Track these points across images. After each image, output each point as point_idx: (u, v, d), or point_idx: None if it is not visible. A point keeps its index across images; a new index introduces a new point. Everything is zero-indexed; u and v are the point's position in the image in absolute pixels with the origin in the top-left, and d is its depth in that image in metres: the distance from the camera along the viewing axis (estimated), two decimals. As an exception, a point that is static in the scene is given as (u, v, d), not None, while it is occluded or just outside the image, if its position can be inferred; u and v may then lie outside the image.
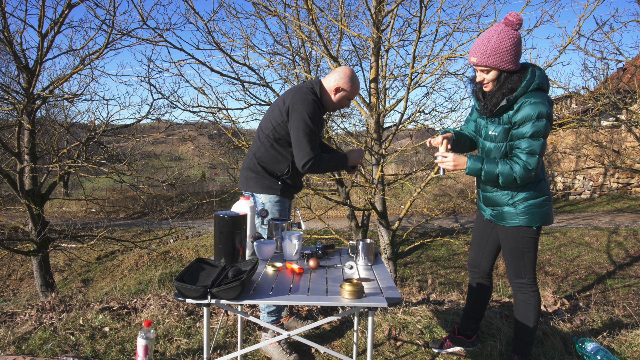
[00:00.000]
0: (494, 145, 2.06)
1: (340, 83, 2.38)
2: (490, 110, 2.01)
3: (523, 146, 1.94)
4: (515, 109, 1.94)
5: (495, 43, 1.89)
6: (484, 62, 1.93)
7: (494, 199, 2.15)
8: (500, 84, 1.96)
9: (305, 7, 4.51)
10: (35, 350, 2.55)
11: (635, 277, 9.10)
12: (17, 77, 6.49)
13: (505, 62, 1.92)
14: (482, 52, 1.93)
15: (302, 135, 2.26)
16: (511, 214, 2.11)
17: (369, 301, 1.58)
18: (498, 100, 1.96)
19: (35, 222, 6.59)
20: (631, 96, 6.08)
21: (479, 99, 2.10)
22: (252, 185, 2.44)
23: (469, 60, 2.01)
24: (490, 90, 2.01)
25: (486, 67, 1.95)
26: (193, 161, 23.50)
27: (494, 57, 1.91)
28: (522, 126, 1.93)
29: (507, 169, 1.95)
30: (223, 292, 1.52)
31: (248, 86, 5.95)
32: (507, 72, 1.94)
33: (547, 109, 1.92)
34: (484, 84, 2.01)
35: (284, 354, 2.38)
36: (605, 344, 2.65)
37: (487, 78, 1.98)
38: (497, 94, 1.97)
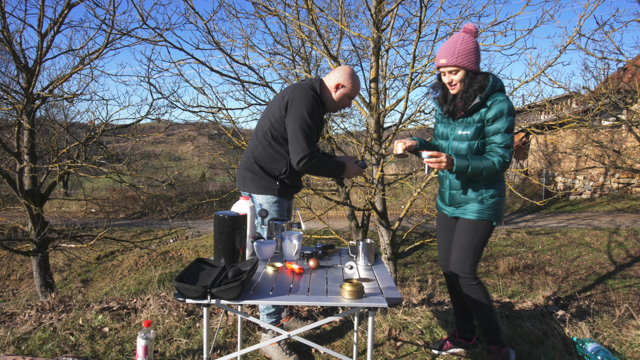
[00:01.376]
0: (467, 144, 2.15)
1: (341, 80, 2.37)
2: (463, 109, 2.12)
3: (499, 140, 2.08)
4: (488, 106, 2.08)
5: (461, 45, 2.06)
6: (453, 62, 2.07)
7: (462, 197, 2.24)
8: (467, 84, 2.10)
9: (305, 6, 4.51)
10: (35, 350, 2.54)
11: (636, 277, 9.10)
12: (16, 77, 6.48)
13: (471, 63, 2.08)
14: (451, 54, 2.07)
15: (298, 130, 2.21)
16: (478, 208, 2.20)
17: (369, 301, 1.57)
18: (471, 98, 2.08)
19: (35, 222, 6.59)
20: (632, 96, 6.07)
21: (442, 104, 2.23)
22: (249, 186, 2.41)
23: (438, 63, 2.13)
24: (457, 91, 2.13)
25: (455, 68, 2.08)
26: (193, 161, 23.49)
27: (462, 58, 2.06)
28: (496, 122, 2.08)
29: (490, 163, 2.07)
30: (223, 292, 1.52)
31: (248, 86, 5.95)
32: (472, 73, 2.09)
33: (512, 107, 2.12)
34: (452, 85, 2.13)
35: (283, 354, 2.37)
36: (605, 345, 2.65)
37: (455, 79, 2.10)
38: (469, 92, 2.09)
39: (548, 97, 5.86)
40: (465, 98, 2.11)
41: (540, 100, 5.30)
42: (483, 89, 2.07)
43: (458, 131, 2.17)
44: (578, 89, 6.39)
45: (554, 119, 6.37)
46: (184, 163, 22.06)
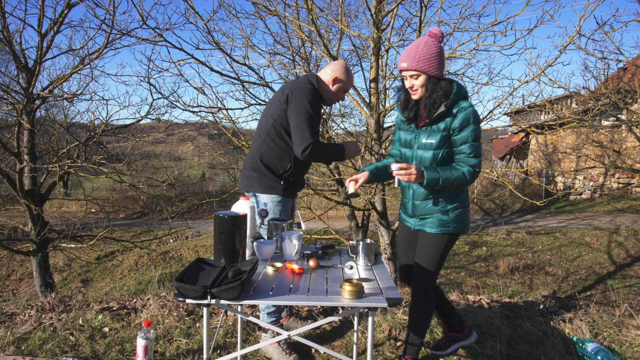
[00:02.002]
0: (431, 153, 2.08)
1: (337, 74, 2.43)
2: (428, 116, 2.04)
3: (469, 150, 2.03)
4: (454, 114, 2.01)
5: (423, 49, 2.00)
6: (414, 67, 2.00)
7: (426, 208, 2.16)
8: (429, 90, 2.02)
9: (305, 6, 4.51)
10: (35, 350, 2.54)
11: (636, 277, 9.10)
12: (16, 77, 6.49)
13: (433, 68, 2.01)
14: (412, 58, 2.01)
15: (301, 121, 2.27)
16: (443, 221, 2.14)
17: (369, 301, 1.57)
18: (436, 105, 2.01)
19: (35, 222, 6.59)
20: (632, 96, 6.08)
21: (403, 109, 2.16)
22: (254, 185, 2.42)
23: (399, 67, 2.07)
24: (419, 97, 2.06)
25: (416, 72, 2.01)
26: (193, 161, 23.49)
27: (423, 62, 2.00)
28: (463, 131, 2.01)
29: (460, 174, 2.02)
30: (223, 292, 1.52)
31: (248, 86, 5.95)
32: (434, 78, 2.02)
33: (478, 114, 2.09)
34: (413, 90, 2.06)
35: (283, 354, 2.37)
36: (605, 345, 2.65)
37: (416, 84, 2.04)
38: (432, 99, 2.01)
39: (548, 97, 5.86)
40: (429, 105, 2.03)
41: (540, 100, 5.30)
42: (448, 95, 2.00)
43: (422, 139, 2.09)
44: (578, 89, 6.40)
45: (554, 119, 6.37)
46: (184, 163, 22.07)
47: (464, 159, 2.04)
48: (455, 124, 2.01)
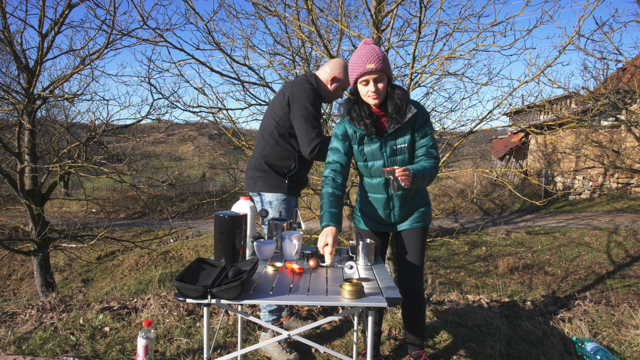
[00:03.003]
0: (406, 155, 2.07)
1: (335, 73, 2.44)
2: (398, 120, 1.99)
3: (431, 143, 2.06)
4: (415, 112, 2.02)
5: (381, 52, 1.96)
6: (381, 67, 1.93)
7: (410, 208, 2.18)
8: (389, 94, 1.99)
9: (305, 7, 4.52)
10: (36, 350, 2.55)
11: (635, 277, 9.11)
12: (17, 77, 6.50)
13: (391, 70, 2.01)
14: (377, 58, 1.92)
15: (306, 123, 2.30)
16: (425, 214, 2.19)
17: (369, 301, 1.58)
18: (404, 108, 1.99)
19: (36, 222, 6.60)
20: (631, 96, 6.08)
21: (360, 121, 2.03)
22: (259, 185, 2.46)
23: (363, 69, 1.94)
24: (379, 101, 1.99)
25: (382, 73, 1.95)
26: (193, 161, 23.50)
27: (386, 63, 1.97)
28: (423, 127, 2.05)
29: (430, 166, 2.01)
30: (223, 292, 1.52)
31: (248, 86, 5.94)
32: (391, 81, 2.00)
33: None
34: (376, 93, 1.96)
35: (283, 353, 2.38)
36: (605, 344, 2.66)
37: (381, 86, 1.97)
38: (398, 102, 1.98)
39: (547, 98, 5.86)
40: (396, 108, 1.98)
41: (540, 100, 5.30)
42: (408, 98, 2.00)
43: (395, 145, 2.05)
44: (577, 89, 6.40)
45: (553, 119, 6.38)
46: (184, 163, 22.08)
47: (428, 151, 2.06)
48: (419, 121, 2.03)
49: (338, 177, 2.11)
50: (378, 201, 2.17)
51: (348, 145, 2.13)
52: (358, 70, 1.95)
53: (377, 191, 2.15)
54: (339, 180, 2.11)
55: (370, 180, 2.16)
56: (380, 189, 2.13)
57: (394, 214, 2.17)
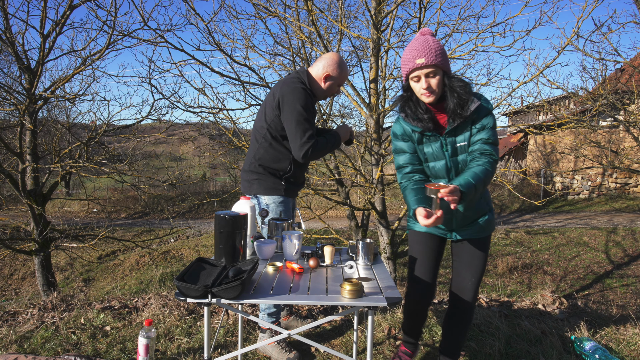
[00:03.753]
0: (467, 155, 1.88)
1: (328, 70, 2.35)
2: (461, 116, 1.79)
3: (486, 136, 1.82)
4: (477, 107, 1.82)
5: (435, 43, 1.75)
6: (433, 61, 1.72)
7: (475, 211, 1.96)
8: (450, 87, 1.78)
9: (306, 8, 4.53)
10: (37, 349, 2.57)
11: (634, 277, 9.12)
12: (19, 78, 6.52)
13: (447, 63, 1.79)
14: (428, 52, 1.73)
15: (296, 125, 2.22)
16: (489, 222, 1.98)
17: (369, 300, 1.58)
18: (466, 101, 1.78)
19: (37, 221, 6.62)
20: (629, 97, 6.10)
21: (417, 120, 1.85)
22: (255, 188, 2.41)
23: (412, 65, 1.75)
24: (434, 99, 1.79)
25: (434, 68, 1.74)
26: (194, 161, 23.53)
27: (441, 56, 1.75)
28: (483, 120, 1.82)
29: (484, 168, 1.78)
30: (224, 291, 1.53)
31: (248, 87, 5.97)
32: (447, 75, 1.80)
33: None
34: (429, 91, 1.77)
35: (283, 352, 2.39)
36: (603, 343, 2.67)
37: (433, 83, 1.76)
38: (457, 99, 1.77)
39: (546, 98, 5.88)
40: (460, 102, 1.77)
41: (539, 100, 5.32)
42: (469, 90, 1.79)
43: (457, 144, 1.85)
44: (576, 89, 6.41)
45: (552, 120, 6.39)
46: (184, 163, 22.11)
47: (482, 146, 1.81)
48: (480, 113, 1.81)
49: (414, 176, 1.93)
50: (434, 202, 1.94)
51: (411, 142, 1.94)
52: (408, 66, 1.77)
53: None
54: (416, 177, 1.93)
55: (432, 181, 1.97)
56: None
57: (455, 219, 1.96)
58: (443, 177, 1.92)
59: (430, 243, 2.05)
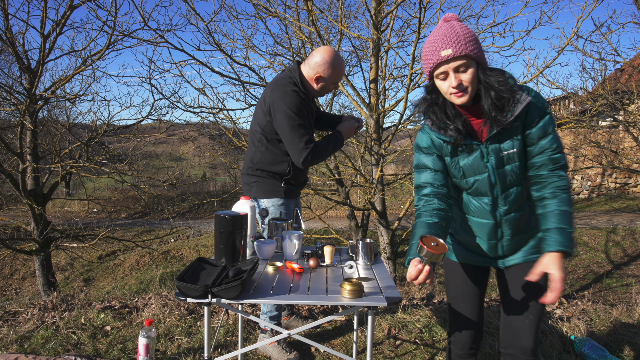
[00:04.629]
0: (515, 165, 1.47)
1: (319, 71, 2.22)
2: (501, 121, 1.40)
3: (554, 144, 1.43)
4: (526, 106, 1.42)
5: (463, 29, 1.37)
6: (463, 51, 1.34)
7: (526, 232, 1.58)
8: (483, 84, 1.39)
9: (306, 8, 4.54)
10: (38, 348, 2.57)
11: (633, 277, 9.12)
12: (19, 78, 6.54)
13: (481, 52, 1.39)
14: (456, 40, 1.35)
15: (291, 132, 2.15)
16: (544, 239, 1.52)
17: (369, 300, 1.58)
18: (509, 101, 1.39)
19: (38, 221, 6.63)
20: (629, 97, 6.10)
21: (442, 126, 1.48)
22: (254, 191, 2.38)
23: (437, 58, 1.37)
24: (467, 98, 1.39)
25: (465, 60, 1.35)
26: (194, 161, 23.54)
27: (472, 44, 1.36)
28: (540, 122, 1.43)
29: (564, 188, 1.42)
30: (224, 291, 1.53)
31: (248, 87, 5.98)
32: (481, 67, 1.40)
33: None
34: (458, 91, 1.38)
35: (283, 352, 2.40)
36: (603, 343, 2.68)
37: (465, 79, 1.37)
38: (496, 96, 1.38)
39: (546, 98, 5.87)
40: (498, 104, 1.38)
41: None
42: (511, 87, 1.39)
43: (503, 150, 1.45)
44: (576, 89, 6.41)
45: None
46: (185, 163, 22.12)
47: (552, 158, 1.43)
48: (533, 114, 1.42)
49: (432, 202, 1.53)
50: (481, 227, 1.58)
51: (437, 157, 1.57)
52: (431, 61, 1.39)
53: (480, 214, 1.56)
54: (434, 204, 1.52)
55: (470, 200, 1.58)
56: (484, 211, 1.55)
57: (502, 245, 1.59)
58: (485, 195, 1.53)
59: (472, 276, 1.68)
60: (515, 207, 1.52)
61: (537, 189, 1.48)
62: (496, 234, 1.57)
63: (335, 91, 6.47)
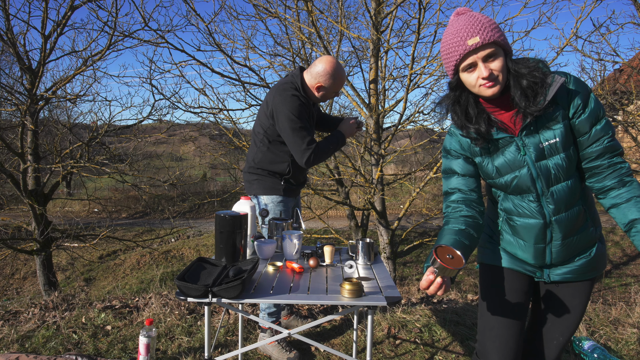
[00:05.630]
0: (563, 155, 1.30)
1: (320, 81, 2.31)
2: (535, 109, 1.27)
3: (610, 132, 1.28)
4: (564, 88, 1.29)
5: (485, 18, 1.28)
6: (491, 37, 1.23)
7: (580, 238, 1.39)
8: (513, 77, 1.28)
9: (306, 8, 4.55)
10: (39, 348, 2.58)
11: (632, 276, 9.13)
12: (20, 78, 6.55)
13: (507, 39, 1.29)
14: (481, 27, 1.24)
15: (293, 135, 2.25)
16: (600, 255, 1.42)
17: (369, 300, 1.59)
18: (541, 87, 1.26)
19: (39, 221, 6.64)
20: (628, 97, 6.10)
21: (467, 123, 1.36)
22: (254, 188, 2.46)
23: (465, 47, 1.25)
24: (496, 93, 1.28)
25: (494, 48, 1.24)
26: (194, 161, 23.54)
27: (498, 31, 1.26)
28: (587, 108, 1.28)
29: (630, 175, 1.29)
30: (224, 291, 1.54)
31: (249, 87, 6.00)
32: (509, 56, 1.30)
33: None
34: (490, 82, 1.26)
35: (283, 352, 2.41)
36: (602, 342, 2.68)
37: (495, 68, 1.25)
38: (527, 84, 1.26)
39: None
40: (527, 93, 1.27)
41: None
42: (542, 72, 1.27)
43: (543, 141, 1.30)
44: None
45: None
46: (185, 163, 22.15)
47: (608, 146, 1.28)
48: (576, 98, 1.28)
49: (459, 209, 1.42)
50: (528, 229, 1.39)
51: (465, 159, 1.45)
52: (457, 52, 1.27)
53: (526, 213, 1.38)
54: (462, 211, 1.41)
55: (512, 200, 1.42)
56: (532, 209, 1.37)
57: (551, 251, 1.39)
58: (528, 192, 1.36)
59: (514, 284, 1.47)
60: (566, 205, 1.34)
61: (597, 180, 1.32)
62: (545, 237, 1.38)
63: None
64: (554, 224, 1.35)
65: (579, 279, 1.42)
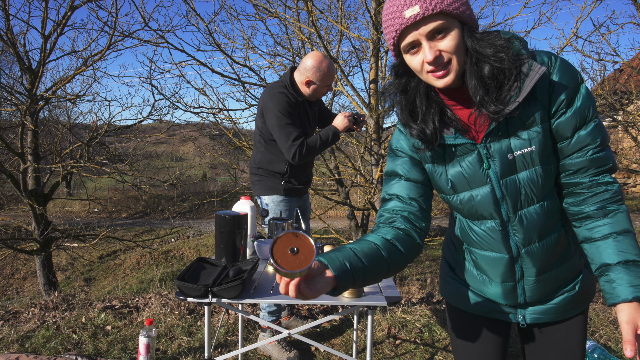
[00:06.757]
0: (540, 169, 0.98)
1: (308, 76, 2.34)
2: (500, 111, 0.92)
3: (598, 139, 0.95)
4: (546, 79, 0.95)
5: None
6: (437, 6, 0.87)
7: (559, 270, 1.08)
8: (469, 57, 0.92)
9: (306, 8, 4.55)
10: (39, 348, 2.59)
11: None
12: (20, 78, 6.56)
13: (468, 8, 0.92)
14: None
15: (279, 132, 2.31)
16: (587, 284, 1.12)
17: (369, 300, 1.59)
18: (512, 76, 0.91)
19: (39, 221, 6.64)
20: (628, 97, 6.10)
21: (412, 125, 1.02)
22: (257, 188, 2.53)
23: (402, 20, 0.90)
24: (450, 82, 0.93)
25: (441, 20, 0.89)
26: (194, 161, 23.54)
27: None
28: (572, 105, 0.95)
29: (617, 200, 0.98)
30: (224, 291, 1.54)
31: (249, 87, 5.99)
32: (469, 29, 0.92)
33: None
34: (437, 69, 0.92)
35: (283, 351, 2.41)
36: (602, 342, 2.69)
37: (445, 48, 0.90)
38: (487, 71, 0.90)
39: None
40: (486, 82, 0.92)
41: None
42: (515, 46, 0.94)
43: (514, 149, 0.97)
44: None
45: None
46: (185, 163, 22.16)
47: (594, 158, 0.96)
48: (559, 91, 0.94)
49: (392, 219, 1.09)
50: (491, 265, 1.09)
51: (412, 161, 1.11)
52: (393, 29, 0.92)
53: (487, 245, 1.07)
54: (396, 223, 1.08)
55: (470, 225, 1.10)
56: (494, 242, 1.06)
57: (523, 289, 1.09)
58: (490, 217, 1.04)
59: (486, 333, 1.19)
60: (539, 233, 1.02)
61: (574, 202, 1.01)
62: (513, 274, 1.07)
63: (335, 91, 6.48)
64: (524, 257, 1.04)
65: (562, 317, 1.11)
